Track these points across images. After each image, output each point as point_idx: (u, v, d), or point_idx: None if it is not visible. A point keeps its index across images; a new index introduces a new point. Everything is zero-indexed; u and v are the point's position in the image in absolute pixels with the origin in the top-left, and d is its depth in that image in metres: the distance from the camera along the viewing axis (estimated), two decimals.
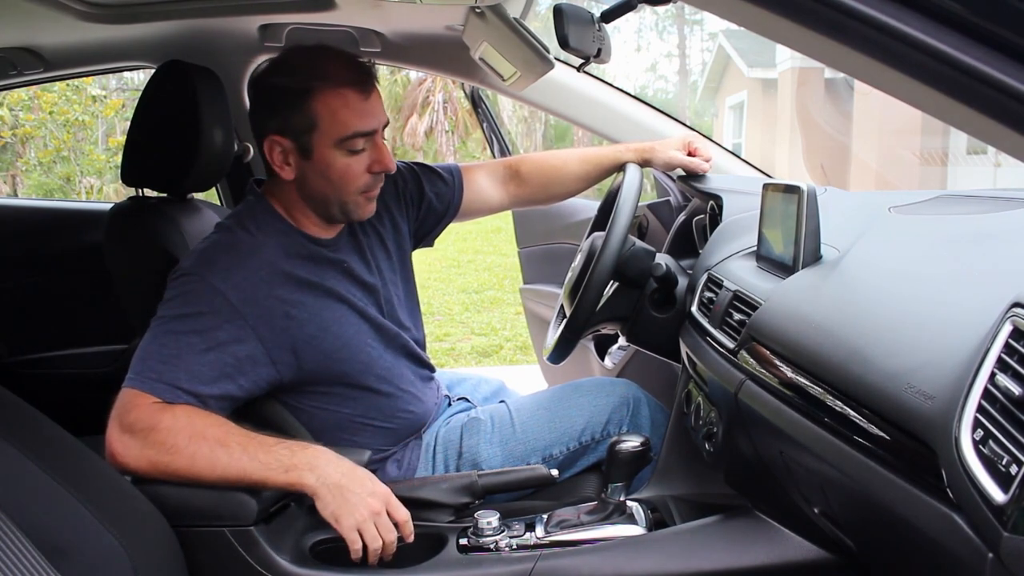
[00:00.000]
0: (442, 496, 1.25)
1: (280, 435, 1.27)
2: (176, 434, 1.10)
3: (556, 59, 1.67)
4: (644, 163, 1.63)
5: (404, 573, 1.14)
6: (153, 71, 1.53)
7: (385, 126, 1.30)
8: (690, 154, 1.63)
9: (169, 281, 1.23)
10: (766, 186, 1.20)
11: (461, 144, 17.33)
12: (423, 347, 1.48)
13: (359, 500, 1.09)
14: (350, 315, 1.32)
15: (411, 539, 1.12)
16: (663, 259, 1.43)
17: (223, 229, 1.30)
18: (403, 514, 1.12)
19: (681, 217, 1.76)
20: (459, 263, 9.14)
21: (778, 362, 0.98)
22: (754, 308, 1.10)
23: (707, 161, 1.63)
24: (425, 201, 1.55)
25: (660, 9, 2.44)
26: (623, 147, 1.66)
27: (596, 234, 1.49)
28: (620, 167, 1.63)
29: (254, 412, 1.25)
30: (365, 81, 1.25)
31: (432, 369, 1.48)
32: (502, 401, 1.52)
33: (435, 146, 16.85)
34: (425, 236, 1.60)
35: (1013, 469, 0.59)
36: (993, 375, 0.65)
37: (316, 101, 1.22)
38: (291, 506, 1.20)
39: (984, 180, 8.27)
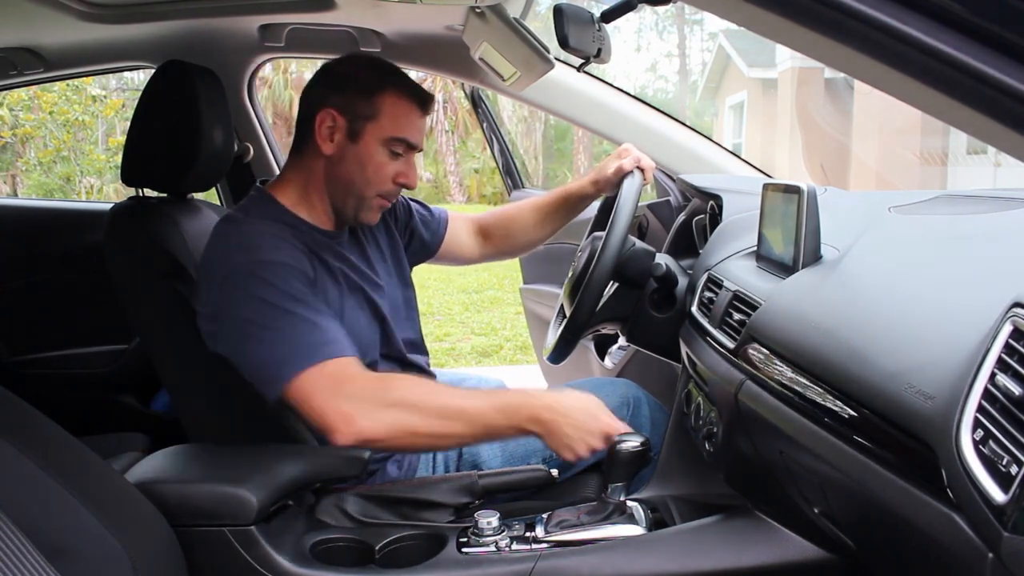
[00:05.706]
0: (442, 496, 1.25)
1: (282, 433, 1.28)
2: (410, 391, 1.18)
3: (556, 59, 1.67)
4: (598, 188, 1.63)
5: (404, 573, 1.14)
6: (153, 71, 1.53)
7: (419, 151, 1.37)
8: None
9: (222, 284, 1.20)
10: (766, 186, 1.20)
11: (461, 144, 17.31)
12: (420, 350, 1.48)
13: (580, 438, 1.19)
14: (365, 305, 1.34)
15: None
16: (663, 259, 1.43)
17: (234, 221, 1.29)
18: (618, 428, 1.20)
19: (681, 217, 1.76)
20: None
21: (778, 362, 0.98)
22: (754, 308, 1.10)
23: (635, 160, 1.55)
24: (413, 234, 1.59)
25: (660, 9, 2.44)
26: (574, 183, 1.70)
27: (596, 234, 1.49)
28: (577, 199, 1.67)
29: (254, 408, 1.24)
30: (426, 105, 1.35)
31: (432, 376, 1.49)
32: None
33: (435, 146, 16.81)
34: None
35: (1013, 469, 0.59)
36: (993, 375, 0.65)
37: (385, 98, 1.30)
38: (291, 506, 1.20)
39: (984, 180, 8.27)
